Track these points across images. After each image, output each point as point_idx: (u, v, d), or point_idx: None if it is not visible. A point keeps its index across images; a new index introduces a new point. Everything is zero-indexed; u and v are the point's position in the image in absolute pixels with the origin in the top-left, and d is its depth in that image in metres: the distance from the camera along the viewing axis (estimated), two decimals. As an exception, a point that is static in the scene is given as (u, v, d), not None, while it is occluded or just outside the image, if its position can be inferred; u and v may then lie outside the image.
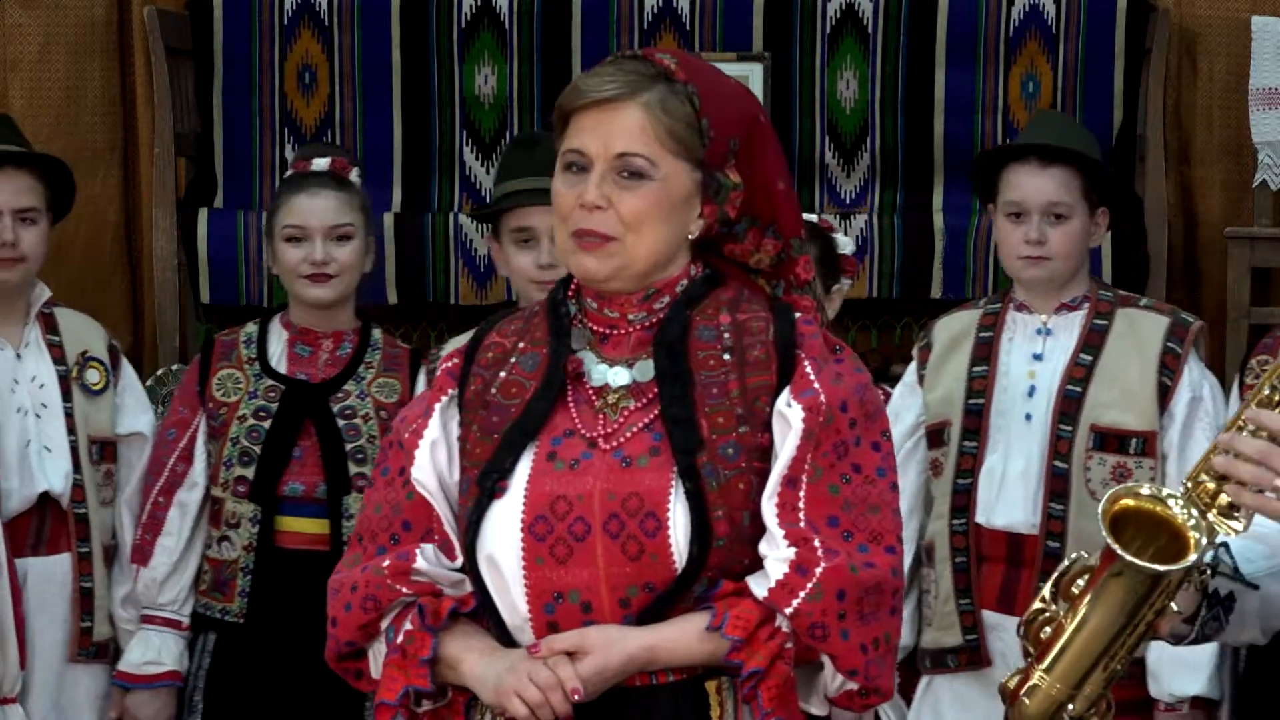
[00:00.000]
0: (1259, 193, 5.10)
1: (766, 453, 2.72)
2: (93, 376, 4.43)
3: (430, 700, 2.74)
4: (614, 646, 2.65)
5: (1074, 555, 2.76)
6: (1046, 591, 2.76)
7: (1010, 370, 4.19)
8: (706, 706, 2.72)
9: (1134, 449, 4.11)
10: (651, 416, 2.72)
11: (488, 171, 5.15)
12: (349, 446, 4.37)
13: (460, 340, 4.29)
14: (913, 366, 4.30)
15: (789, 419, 2.70)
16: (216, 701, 4.41)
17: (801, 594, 2.66)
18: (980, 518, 4.15)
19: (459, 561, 2.75)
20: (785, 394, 2.72)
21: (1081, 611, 2.72)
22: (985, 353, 4.22)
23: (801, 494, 2.69)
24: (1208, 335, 4.25)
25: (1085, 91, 5.08)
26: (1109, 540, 2.67)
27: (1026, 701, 2.74)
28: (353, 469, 4.35)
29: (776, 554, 2.68)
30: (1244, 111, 5.07)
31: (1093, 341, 4.16)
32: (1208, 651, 4.01)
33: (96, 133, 5.18)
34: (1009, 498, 4.14)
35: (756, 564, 2.72)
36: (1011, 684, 2.78)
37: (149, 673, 4.39)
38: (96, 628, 4.38)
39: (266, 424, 4.37)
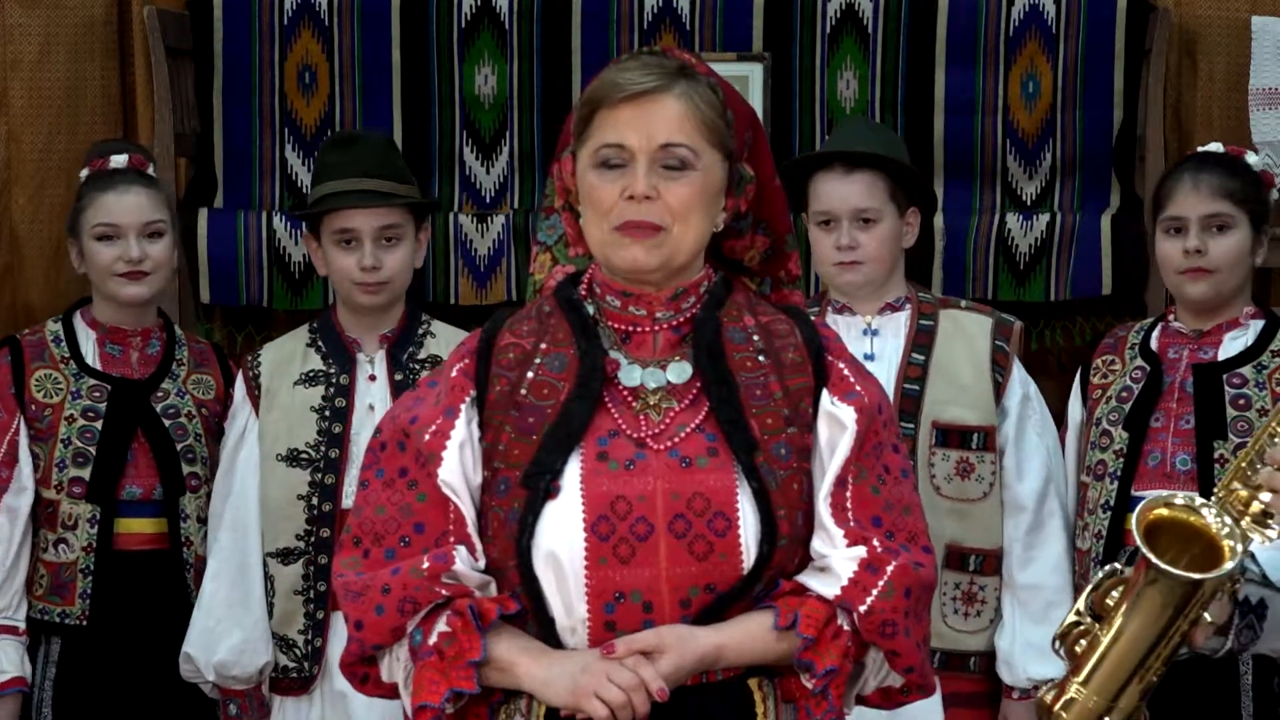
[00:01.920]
0: (1259, 193, 5.09)
1: (810, 453, 2.76)
2: None
3: (454, 702, 2.73)
4: (688, 645, 2.67)
5: (1108, 567, 2.77)
6: (1081, 604, 2.76)
7: None
8: (751, 704, 2.74)
9: (976, 443, 4.21)
10: (700, 418, 2.74)
11: (488, 171, 5.15)
12: (179, 446, 4.35)
13: (279, 348, 4.32)
14: None
15: (842, 419, 2.74)
16: (65, 708, 4.35)
17: (875, 592, 2.69)
18: None
19: (482, 563, 2.75)
20: (826, 395, 2.75)
21: (1117, 623, 2.72)
22: None
23: (849, 494, 2.73)
24: (1024, 336, 4.39)
25: (1085, 91, 5.08)
26: (1144, 550, 2.67)
27: (1064, 715, 2.74)
28: (185, 469, 4.34)
29: (841, 553, 2.70)
30: (1244, 111, 5.06)
31: (922, 341, 4.25)
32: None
33: (96, 133, 5.18)
34: None
35: (804, 564, 2.75)
36: (1047, 698, 2.77)
37: None
38: None
39: (98, 424, 4.33)
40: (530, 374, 2.77)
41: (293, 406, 4.27)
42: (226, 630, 4.19)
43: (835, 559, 2.71)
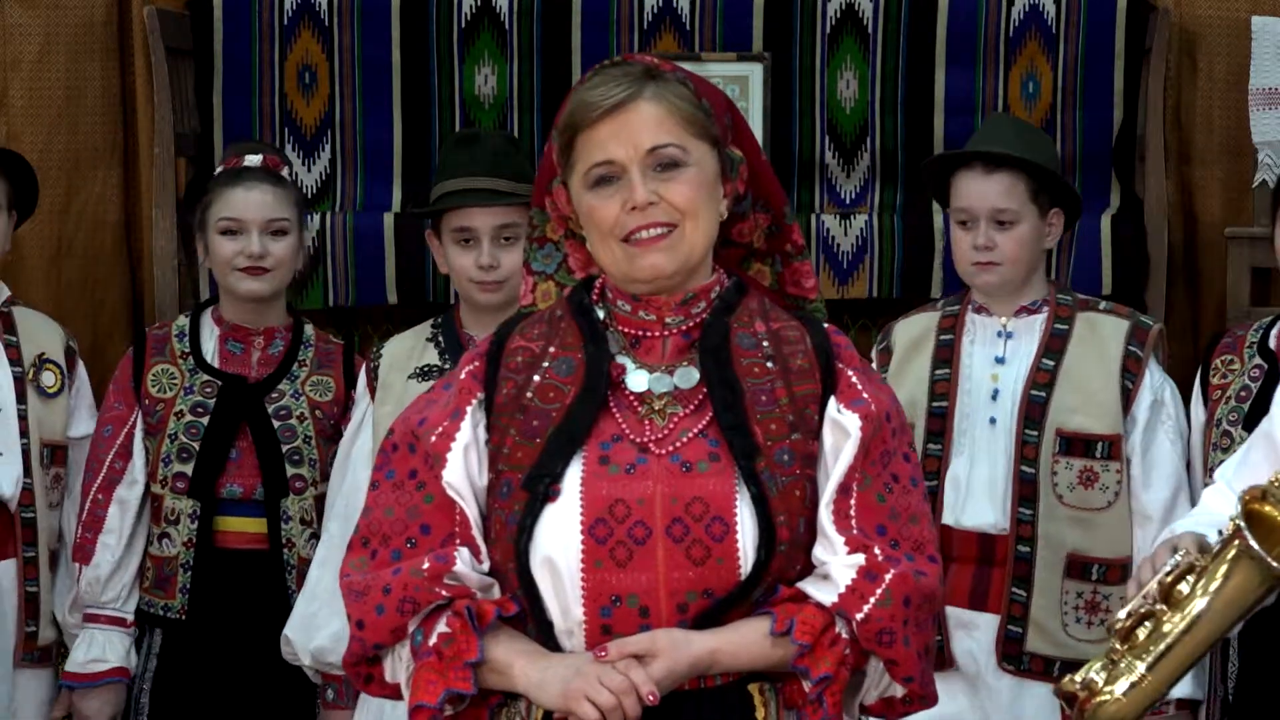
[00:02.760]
0: (1259, 193, 5.09)
1: (815, 460, 2.74)
2: (48, 379, 4.40)
3: (455, 704, 2.72)
4: (682, 649, 2.66)
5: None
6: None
7: (973, 373, 4.20)
8: (751, 709, 2.73)
9: (1100, 452, 4.13)
10: (704, 423, 2.73)
11: (488, 171, 5.15)
12: (285, 448, 4.35)
13: (401, 341, 4.31)
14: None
15: (846, 427, 2.73)
16: (162, 700, 4.38)
17: (872, 600, 2.68)
18: (949, 519, 4.15)
19: (486, 565, 2.75)
20: (834, 402, 2.74)
21: (1195, 608, 2.71)
22: (947, 355, 4.22)
23: (853, 501, 2.72)
24: (1165, 338, 4.27)
25: (1085, 91, 5.08)
26: (1249, 537, 2.67)
27: (1123, 700, 2.72)
28: (289, 470, 4.34)
29: (841, 560, 2.70)
30: (1244, 111, 5.07)
31: (1054, 346, 4.18)
32: None
33: (96, 133, 5.18)
34: (977, 500, 4.16)
35: (806, 571, 2.74)
36: (1076, 683, 2.76)
37: (94, 670, 4.36)
38: (41, 632, 4.35)
39: (204, 421, 4.34)
40: (537, 377, 2.77)
41: (405, 399, 4.24)
42: (326, 619, 4.18)
43: (834, 566, 2.70)
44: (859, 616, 2.67)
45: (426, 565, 2.72)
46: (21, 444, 4.31)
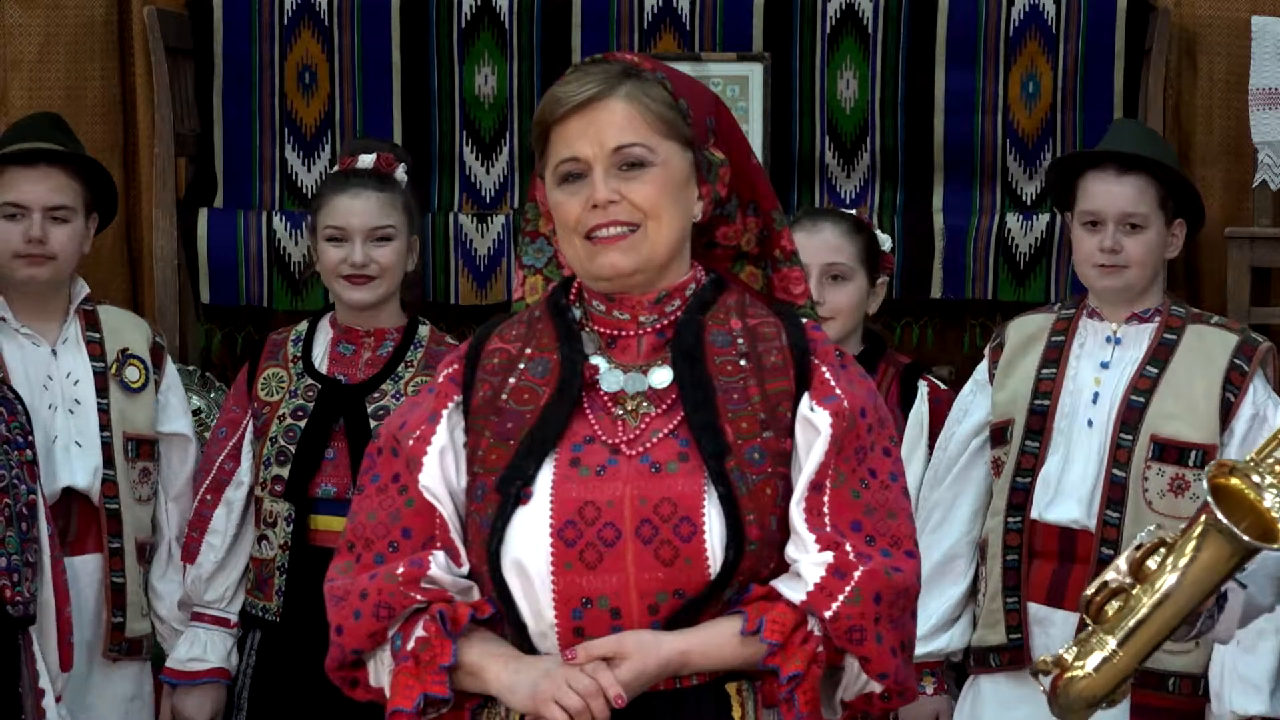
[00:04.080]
0: (1259, 193, 5.09)
1: (788, 458, 2.73)
2: (132, 374, 4.44)
3: (436, 708, 2.72)
4: (650, 651, 2.65)
5: (1151, 529, 2.76)
6: (1122, 563, 2.74)
7: (1078, 376, 4.19)
8: (729, 709, 2.72)
9: (1193, 461, 4.09)
10: (675, 423, 2.72)
11: (488, 172, 5.15)
12: None
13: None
14: (984, 365, 4.31)
15: (816, 424, 2.71)
16: (260, 699, 4.44)
17: (841, 597, 2.66)
18: (1035, 513, 4.16)
19: (465, 568, 2.75)
20: (806, 399, 2.73)
21: (1165, 583, 2.71)
22: (1055, 356, 4.21)
23: (826, 499, 2.70)
24: (1276, 356, 4.22)
25: (1085, 91, 5.07)
26: (1216, 511, 2.67)
27: (1094, 675, 2.72)
28: None
29: (810, 558, 2.68)
30: (1244, 111, 5.06)
31: (1160, 355, 4.16)
32: (1267, 670, 4.03)
33: (96, 133, 5.18)
34: (1065, 497, 4.15)
35: (781, 569, 2.73)
36: (1049, 663, 2.76)
37: (194, 669, 4.41)
38: (129, 624, 4.38)
39: (303, 424, 4.38)
40: (513, 379, 2.76)
41: None
42: None
43: (804, 564, 2.69)
44: (827, 614, 2.66)
45: (401, 570, 2.72)
46: (103, 437, 4.35)
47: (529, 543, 2.68)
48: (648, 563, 2.66)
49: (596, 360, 2.77)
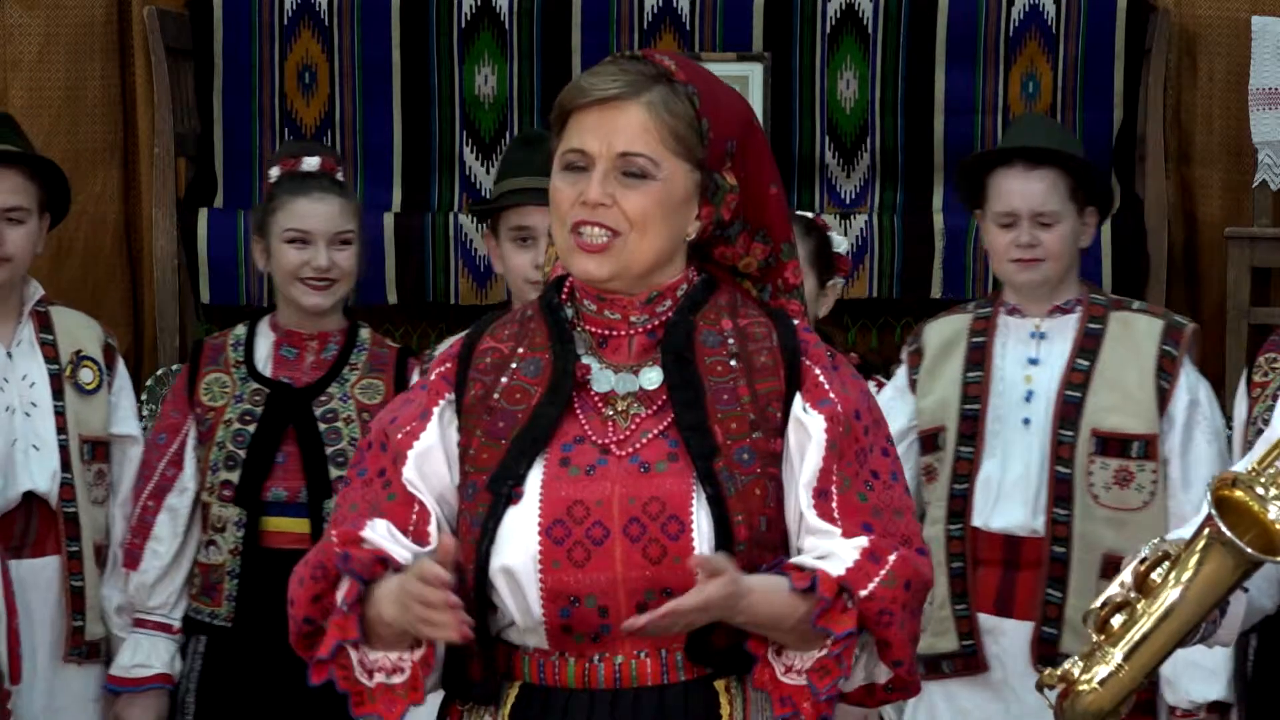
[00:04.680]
0: (1259, 193, 5.10)
1: (779, 458, 2.73)
2: (86, 375, 4.41)
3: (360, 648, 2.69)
4: (740, 579, 2.60)
5: (1154, 543, 2.75)
6: (1127, 576, 2.74)
7: (1006, 375, 4.19)
8: (716, 705, 2.72)
9: (1136, 452, 4.12)
10: (665, 424, 2.72)
11: (488, 171, 5.15)
12: (329, 450, 4.35)
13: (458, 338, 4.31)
14: (902, 371, 4.29)
15: (808, 428, 2.71)
16: (208, 704, 4.40)
17: (877, 579, 2.66)
18: (978, 521, 4.15)
19: (430, 547, 2.71)
20: (799, 401, 2.72)
21: (1170, 597, 2.71)
22: (979, 358, 4.21)
23: (834, 505, 2.70)
24: (1200, 338, 4.26)
25: (1085, 91, 5.08)
26: (1220, 523, 2.67)
27: (1100, 690, 2.72)
28: (333, 473, 4.33)
29: (843, 543, 2.67)
30: (1244, 111, 5.06)
31: (1088, 345, 4.16)
32: (1222, 656, 4.01)
33: (96, 133, 5.18)
34: (1007, 501, 4.14)
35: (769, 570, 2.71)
36: (1055, 677, 2.75)
37: (138, 675, 4.37)
38: (89, 627, 4.36)
39: (251, 428, 4.35)
40: (505, 379, 2.76)
41: None
42: None
43: (838, 546, 2.68)
44: (863, 593, 2.65)
45: (335, 533, 2.70)
46: (60, 440, 4.32)
47: (518, 541, 2.68)
48: (636, 561, 2.66)
49: (588, 360, 2.77)
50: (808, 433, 2.71)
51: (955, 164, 5.07)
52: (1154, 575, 2.75)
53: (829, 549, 2.69)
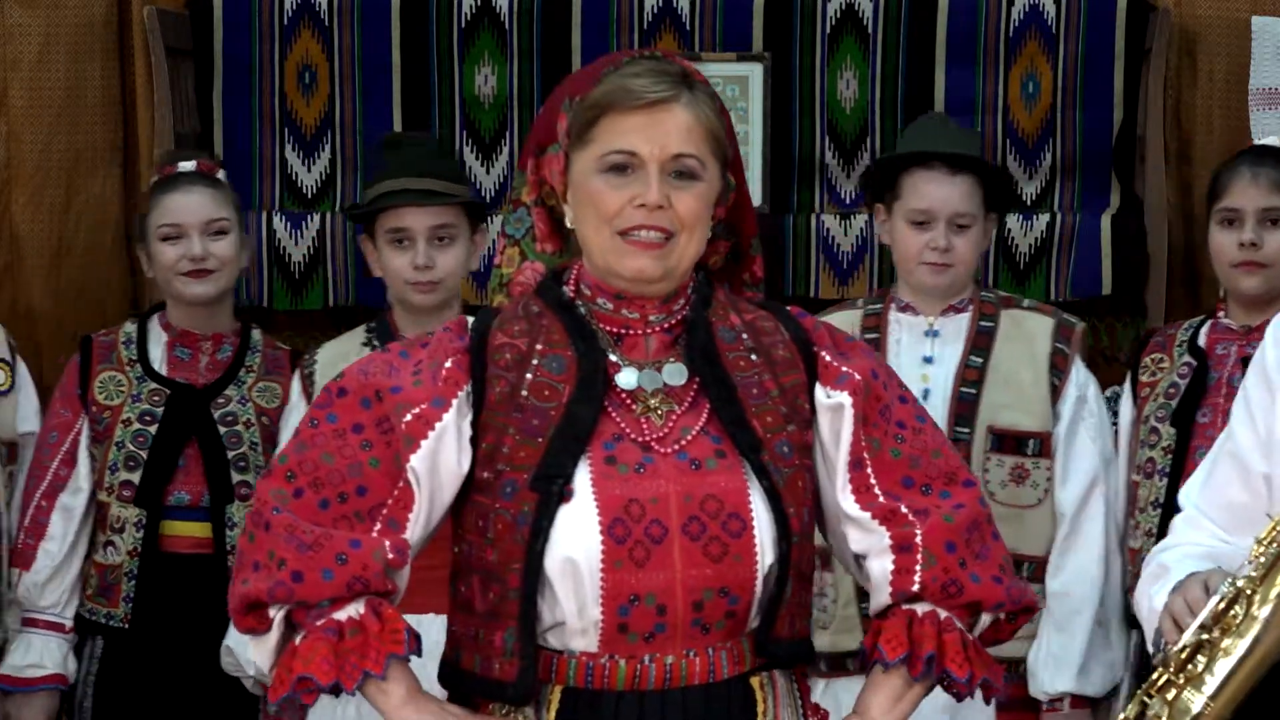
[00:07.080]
0: (1259, 193, 5.09)
1: (810, 450, 2.78)
2: None
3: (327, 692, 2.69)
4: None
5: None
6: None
7: (901, 373, 4.19)
8: (753, 701, 2.75)
9: (1031, 450, 4.18)
10: (703, 419, 2.74)
11: (488, 172, 5.15)
12: (231, 455, 4.34)
13: (335, 346, 4.30)
14: None
15: (839, 404, 2.76)
16: (105, 706, 4.37)
17: (917, 568, 2.72)
18: None
19: (396, 549, 2.71)
20: (820, 388, 2.77)
21: (1254, 633, 2.70)
22: None
23: (870, 470, 2.75)
24: (1088, 337, 4.33)
25: (1085, 91, 5.08)
26: None
27: None
28: (235, 477, 4.33)
29: (876, 552, 2.74)
30: (1244, 111, 5.07)
31: (981, 344, 4.22)
32: (1079, 648, 4.11)
33: (96, 133, 5.18)
34: None
35: (814, 559, 2.79)
36: (1131, 716, 2.76)
37: (30, 676, 4.34)
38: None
39: (153, 429, 4.34)
40: (529, 375, 2.75)
41: None
42: None
43: (872, 563, 2.75)
44: (914, 588, 2.72)
45: (391, 556, 2.69)
46: None
47: (578, 541, 2.67)
48: (696, 559, 2.67)
49: (613, 358, 2.77)
50: (840, 410, 2.75)
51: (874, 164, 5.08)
52: (1232, 612, 2.74)
53: (869, 567, 2.76)
